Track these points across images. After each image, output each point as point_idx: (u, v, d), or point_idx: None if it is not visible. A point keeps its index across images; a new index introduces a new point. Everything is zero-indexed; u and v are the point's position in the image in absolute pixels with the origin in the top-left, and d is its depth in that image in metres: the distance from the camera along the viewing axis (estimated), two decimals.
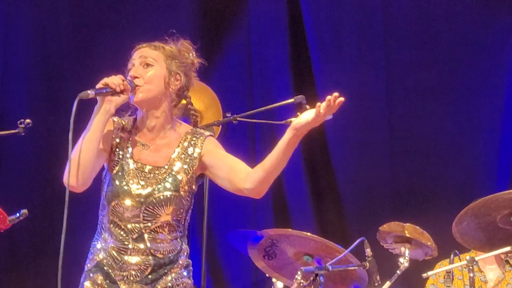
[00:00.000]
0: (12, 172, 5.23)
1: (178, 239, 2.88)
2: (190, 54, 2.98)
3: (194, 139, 2.88)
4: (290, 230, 4.11)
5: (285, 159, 2.68)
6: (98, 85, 2.68)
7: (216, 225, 4.78)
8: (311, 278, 3.55)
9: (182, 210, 2.84)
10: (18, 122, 3.25)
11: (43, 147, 4.04)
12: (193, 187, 2.87)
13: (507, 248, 3.66)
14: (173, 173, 2.84)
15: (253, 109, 4.19)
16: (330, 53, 5.36)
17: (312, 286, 3.54)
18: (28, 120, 3.19)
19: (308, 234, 3.99)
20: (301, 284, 3.71)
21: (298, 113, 3.98)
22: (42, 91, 5.25)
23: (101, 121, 2.74)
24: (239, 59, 5.46)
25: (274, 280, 4.08)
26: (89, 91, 2.64)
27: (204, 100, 4.61)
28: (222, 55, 5.39)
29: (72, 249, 3.00)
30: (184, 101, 3.10)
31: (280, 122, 3.80)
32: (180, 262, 2.90)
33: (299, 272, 3.68)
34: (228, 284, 5.04)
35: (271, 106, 4.05)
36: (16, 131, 3.21)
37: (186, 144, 2.88)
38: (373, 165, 5.13)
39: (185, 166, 2.85)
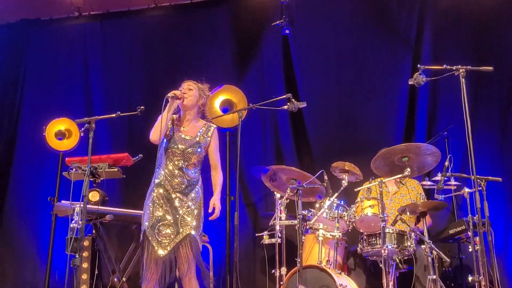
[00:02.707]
0: (131, 136, 5.33)
1: (197, 173, 3.14)
2: (207, 92, 3.31)
3: (209, 127, 3.22)
4: (283, 166, 4.11)
5: None
6: (171, 94, 3.03)
7: (245, 163, 4.75)
8: (295, 191, 3.56)
9: (200, 158, 3.14)
10: (137, 107, 3.31)
11: (147, 122, 4.03)
12: (205, 149, 3.15)
13: (399, 175, 3.66)
14: (197, 141, 3.13)
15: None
16: (306, 76, 5.29)
17: (295, 195, 3.54)
18: (142, 107, 3.28)
19: (293, 168, 4.02)
20: (290, 194, 3.74)
21: (288, 103, 3.95)
22: (150, 93, 5.31)
23: (170, 112, 3.05)
24: (257, 76, 5.43)
25: (275, 192, 4.06)
26: (169, 95, 3.02)
27: (237, 97, 4.68)
28: (248, 75, 5.38)
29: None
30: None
31: (278, 108, 3.82)
32: (198, 184, 3.12)
33: (288, 188, 3.71)
34: (250, 194, 5.06)
35: (273, 99, 4.03)
36: (136, 112, 3.27)
37: (204, 129, 3.21)
38: (329, 130, 5.08)
39: (202, 139, 3.18)
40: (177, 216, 2.94)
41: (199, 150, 3.07)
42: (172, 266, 2.95)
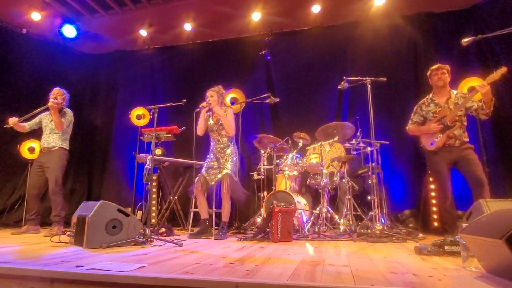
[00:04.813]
0: (178, 116, 5.09)
1: (228, 140, 3.02)
2: (222, 90, 3.10)
3: (226, 110, 3.04)
4: (265, 134, 4.04)
5: None
6: (202, 104, 2.94)
7: (243, 133, 4.65)
8: (272, 149, 3.50)
9: (226, 132, 3.00)
10: (181, 100, 3.11)
11: (187, 108, 3.89)
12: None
13: (331, 140, 3.61)
14: (222, 122, 3.01)
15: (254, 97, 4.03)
16: (279, 83, 5.09)
17: (272, 152, 3.48)
18: (184, 100, 3.06)
19: (271, 136, 3.96)
20: (269, 151, 3.66)
21: (269, 99, 3.79)
22: (188, 93, 5.06)
23: (205, 116, 3.00)
24: (251, 83, 5.17)
25: (260, 150, 4.03)
26: (198, 109, 2.94)
27: (239, 95, 4.54)
28: (246, 82, 5.14)
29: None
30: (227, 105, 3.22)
31: (263, 101, 3.70)
32: (230, 146, 3.04)
33: (268, 148, 3.63)
34: (247, 151, 4.95)
35: (260, 96, 3.91)
36: (181, 103, 3.10)
37: (224, 113, 3.02)
38: (292, 114, 4.91)
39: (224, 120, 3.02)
40: (219, 163, 2.99)
41: (221, 127, 3.07)
42: (210, 189, 3.08)
